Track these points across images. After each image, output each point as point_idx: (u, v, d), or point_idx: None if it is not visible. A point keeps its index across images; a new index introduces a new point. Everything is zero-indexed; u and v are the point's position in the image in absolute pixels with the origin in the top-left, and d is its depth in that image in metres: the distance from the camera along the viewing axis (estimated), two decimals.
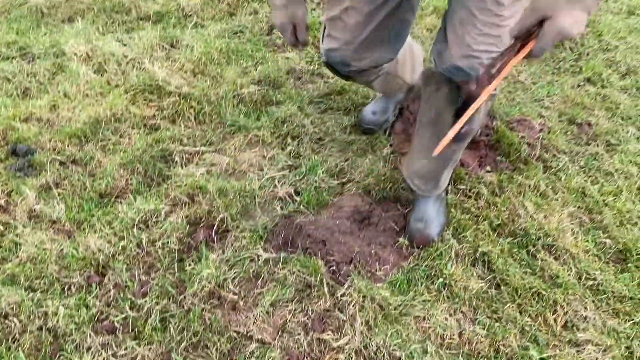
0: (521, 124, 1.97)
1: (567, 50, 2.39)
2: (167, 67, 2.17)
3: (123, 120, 1.95)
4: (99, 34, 2.37)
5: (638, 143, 1.91)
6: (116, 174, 1.73)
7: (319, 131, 1.94)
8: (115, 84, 2.11)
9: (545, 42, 0.97)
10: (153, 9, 2.55)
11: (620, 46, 2.38)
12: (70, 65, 2.18)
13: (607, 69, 2.27)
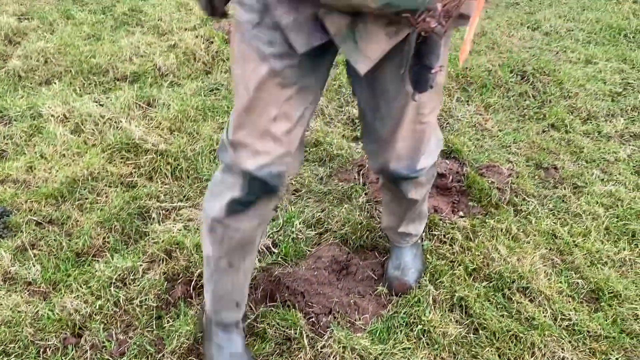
0: (490, 170, 2.04)
1: (531, 98, 2.50)
2: (144, 126, 2.21)
3: (100, 179, 1.96)
4: (76, 95, 2.41)
5: (603, 185, 1.98)
6: (93, 232, 1.73)
7: (296, 182, 1.97)
8: (92, 143, 2.13)
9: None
10: (130, 69, 2.61)
11: (580, 93, 2.50)
12: (47, 127, 2.20)
13: (569, 115, 2.38)
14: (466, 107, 2.44)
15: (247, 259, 1.27)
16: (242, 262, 1.27)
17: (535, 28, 3.10)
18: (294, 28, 1.00)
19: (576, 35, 3.00)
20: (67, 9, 3.10)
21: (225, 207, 1.17)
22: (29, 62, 2.65)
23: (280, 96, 1.09)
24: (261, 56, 1.05)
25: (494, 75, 2.64)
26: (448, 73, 2.64)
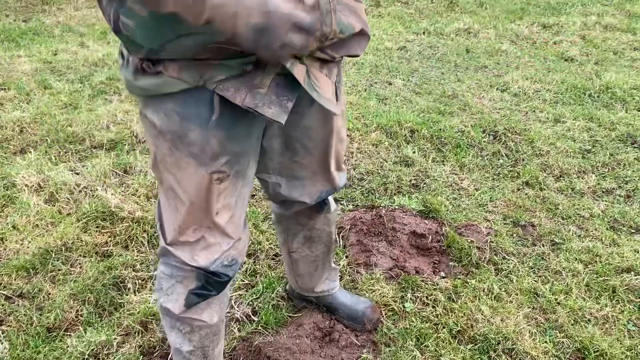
0: (469, 229, 2.05)
1: (504, 157, 2.55)
2: (121, 193, 2.18)
3: (74, 249, 1.91)
4: (51, 164, 2.39)
5: (580, 241, 2.00)
6: (66, 305, 1.67)
7: (275, 247, 1.95)
8: (67, 212, 2.10)
9: None
10: (107, 137, 2.60)
11: (551, 151, 2.56)
12: (20, 197, 2.16)
13: (542, 172, 2.43)
14: (442, 167, 2.48)
15: (220, 342, 1.26)
16: (215, 347, 1.25)
17: (504, 90, 3.21)
18: (264, 103, 1.00)
19: (544, 96, 3.11)
20: (44, 78, 3.12)
21: (184, 303, 1.16)
22: (4, 131, 2.63)
23: (219, 191, 1.09)
24: (198, 161, 1.05)
25: (467, 136, 2.70)
26: (422, 134, 2.69)
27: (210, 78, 0.97)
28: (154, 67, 0.97)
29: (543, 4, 4.73)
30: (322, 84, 1.04)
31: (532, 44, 3.91)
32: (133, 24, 0.92)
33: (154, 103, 1.02)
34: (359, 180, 2.40)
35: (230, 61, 0.96)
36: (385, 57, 3.68)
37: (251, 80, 0.98)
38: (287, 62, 0.97)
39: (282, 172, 1.26)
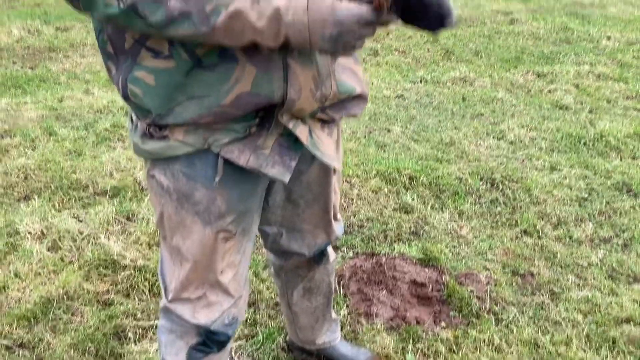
0: (469, 278, 2.06)
1: (502, 205, 2.59)
2: (123, 241, 2.20)
3: (76, 297, 1.92)
4: (55, 211, 2.41)
5: (579, 290, 2.01)
6: (66, 355, 1.67)
7: (276, 296, 1.96)
8: (69, 260, 2.11)
9: None
10: (110, 184, 2.64)
11: (548, 199, 2.60)
12: (23, 244, 2.18)
13: (540, 220, 2.46)
14: (441, 214, 2.51)
15: None
16: None
17: (500, 137, 3.27)
18: (267, 163, 1.04)
19: (540, 144, 3.17)
20: (49, 125, 3.18)
21: (186, 358, 1.17)
22: (9, 178, 2.67)
23: (224, 250, 1.11)
24: (204, 220, 1.07)
25: (465, 183, 2.74)
26: (421, 181, 2.73)
27: (214, 141, 1.01)
28: (160, 132, 1.01)
29: (537, 53, 4.85)
30: (324, 142, 1.09)
31: (527, 92, 4.01)
32: (141, 92, 0.97)
33: (161, 164, 1.05)
34: (359, 227, 2.43)
35: (235, 124, 1.01)
36: (384, 105, 3.76)
37: (255, 141, 1.03)
38: (290, 124, 1.02)
39: (283, 223, 1.29)
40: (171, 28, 0.86)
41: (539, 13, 6.08)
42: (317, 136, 1.08)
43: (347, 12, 0.84)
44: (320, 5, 0.84)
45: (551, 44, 5.15)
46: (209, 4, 0.84)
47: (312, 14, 0.84)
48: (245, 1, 0.84)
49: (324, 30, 0.85)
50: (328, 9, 0.84)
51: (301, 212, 1.27)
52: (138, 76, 0.96)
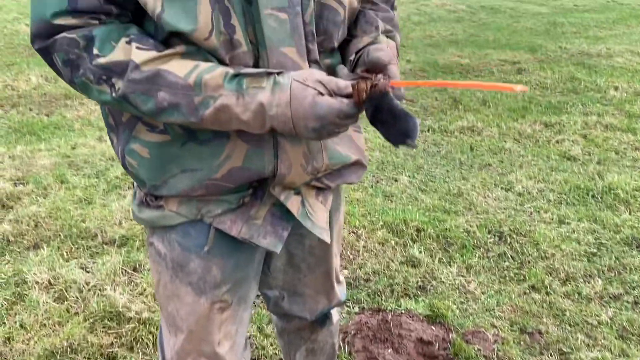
0: (476, 335, 2.03)
1: (510, 259, 2.57)
2: (129, 292, 2.21)
3: (79, 350, 1.92)
4: (63, 261, 2.43)
5: (589, 350, 1.98)
6: None
7: (279, 352, 1.94)
8: (75, 311, 2.12)
9: None
10: (119, 233, 2.66)
11: (556, 254, 2.58)
12: (30, 294, 2.19)
13: (548, 276, 2.43)
14: (448, 268, 2.50)
15: None
16: None
17: (508, 189, 3.28)
18: (259, 234, 1.05)
19: (548, 196, 3.17)
20: (62, 173, 3.23)
21: None
22: (20, 226, 2.70)
23: (221, 320, 1.11)
24: (198, 291, 1.08)
25: (473, 236, 2.73)
26: (428, 234, 2.73)
27: (207, 212, 1.03)
28: (156, 201, 1.04)
29: (544, 103, 4.90)
30: (317, 211, 1.09)
31: (535, 143, 4.03)
32: (136, 164, 1.00)
33: (160, 232, 1.07)
34: (365, 281, 2.41)
35: (228, 196, 1.02)
36: (392, 153, 3.80)
37: (247, 211, 1.04)
38: (281, 196, 1.03)
39: (285, 287, 1.29)
40: (162, 116, 0.90)
41: (546, 63, 6.17)
42: (310, 205, 1.08)
43: (328, 108, 0.87)
44: (301, 100, 0.87)
45: (558, 93, 5.20)
46: (197, 96, 0.87)
47: (295, 108, 0.87)
48: (232, 96, 0.87)
49: (307, 123, 0.87)
50: (309, 104, 0.87)
51: (303, 277, 1.27)
52: (134, 148, 0.99)
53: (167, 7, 0.86)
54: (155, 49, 0.88)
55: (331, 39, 1.01)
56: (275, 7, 0.90)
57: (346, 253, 2.60)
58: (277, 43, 0.91)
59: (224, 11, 0.88)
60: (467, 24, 8.25)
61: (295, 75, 0.88)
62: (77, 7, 0.86)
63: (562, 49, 6.73)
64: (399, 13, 8.20)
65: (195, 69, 0.87)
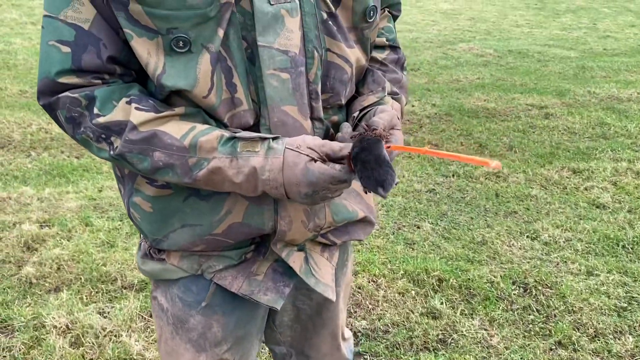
0: None
1: (535, 313, 2.48)
2: (144, 339, 2.20)
3: None
4: (82, 305, 2.44)
5: None
6: None
7: None
8: (90, 357, 2.11)
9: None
10: (138, 278, 2.67)
11: (584, 308, 2.48)
12: (47, 339, 2.20)
13: (575, 331, 2.33)
14: (470, 321, 2.42)
15: None
16: None
17: (534, 238, 3.19)
18: (260, 290, 1.03)
19: (575, 246, 3.07)
20: (87, 215, 3.29)
21: None
22: (42, 269, 2.74)
23: None
24: (198, 348, 1.06)
25: (497, 287, 2.65)
26: (450, 284, 2.67)
27: (208, 268, 1.03)
28: (159, 254, 1.04)
29: (573, 148, 4.82)
30: (321, 268, 1.08)
31: (562, 190, 3.94)
32: (139, 217, 1.01)
33: (163, 286, 1.07)
34: (384, 332, 2.35)
35: (229, 252, 1.02)
36: (414, 199, 3.76)
37: (249, 267, 1.03)
38: (283, 252, 1.02)
39: (292, 345, 1.27)
40: (157, 175, 0.91)
41: (575, 107, 6.09)
42: (314, 262, 1.07)
43: (320, 174, 0.86)
44: (294, 167, 0.87)
45: (587, 139, 5.12)
46: (192, 158, 0.88)
47: (287, 174, 0.87)
48: (225, 158, 0.88)
49: (299, 189, 0.87)
50: (302, 171, 0.86)
51: (309, 338, 1.24)
52: (136, 202, 1.00)
53: (168, 68, 0.88)
54: (154, 110, 0.89)
55: (338, 96, 1.01)
56: (277, 68, 0.91)
57: (365, 303, 2.55)
58: (278, 102, 0.92)
59: (226, 70, 0.90)
60: (494, 68, 8.26)
61: (289, 142, 0.88)
62: (81, 67, 0.88)
63: (591, 93, 6.65)
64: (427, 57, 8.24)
65: (191, 131, 0.89)
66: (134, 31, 0.86)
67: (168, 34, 0.86)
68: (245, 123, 0.93)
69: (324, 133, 1.00)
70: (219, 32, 0.87)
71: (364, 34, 1.02)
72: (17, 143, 4.63)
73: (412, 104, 6.15)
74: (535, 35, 10.69)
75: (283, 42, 0.90)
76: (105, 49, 0.88)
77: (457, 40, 10.11)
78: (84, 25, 0.87)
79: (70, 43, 0.87)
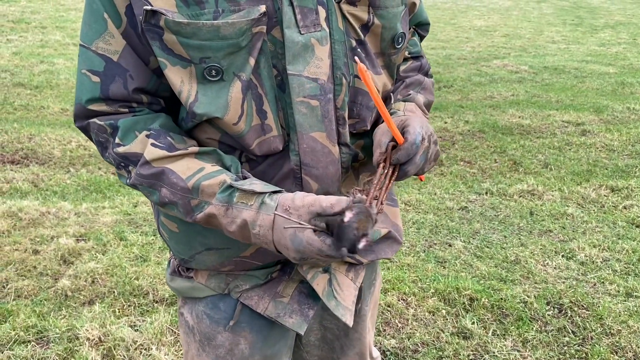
0: None
1: (570, 334, 2.40)
2: (173, 353, 2.22)
3: None
4: (114, 318, 2.49)
5: None
6: None
7: None
8: None
9: (409, 142, 0.91)
10: (169, 292, 2.71)
11: (623, 330, 2.39)
12: (80, 351, 2.24)
13: (613, 355, 2.25)
14: (502, 341, 2.36)
15: None
16: None
17: (570, 257, 3.11)
18: (285, 313, 1.04)
19: (613, 266, 2.98)
20: (121, 230, 3.36)
21: None
22: (78, 282, 2.80)
23: None
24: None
25: (530, 308, 2.59)
26: (482, 304, 2.61)
27: (235, 287, 1.03)
28: (187, 272, 1.05)
29: (611, 166, 4.69)
30: (344, 289, 1.06)
31: (600, 208, 3.84)
32: (167, 236, 1.03)
33: (190, 303, 1.08)
34: (413, 352, 2.32)
35: (256, 272, 1.02)
36: (446, 217, 3.71)
37: (275, 287, 1.03)
38: (308, 275, 1.02)
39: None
40: (166, 209, 0.94)
41: (613, 124, 5.94)
42: (338, 283, 1.06)
43: (307, 245, 0.82)
44: (283, 231, 0.84)
45: (626, 156, 4.98)
46: (194, 199, 0.90)
47: (276, 236, 0.86)
48: (220, 206, 0.88)
49: (288, 252, 0.86)
50: (290, 237, 0.84)
51: (336, 358, 1.23)
52: (163, 221, 1.03)
53: (200, 96, 0.89)
54: (168, 148, 0.91)
55: (364, 122, 1.02)
56: (307, 95, 0.91)
57: (394, 321, 2.52)
58: (307, 128, 0.93)
59: (257, 98, 0.91)
60: (529, 84, 8.14)
61: (281, 201, 0.86)
62: (109, 96, 0.91)
63: (631, 109, 6.49)
64: (460, 74, 8.18)
65: (198, 173, 0.90)
66: (168, 60, 0.88)
67: (201, 63, 0.87)
68: (274, 148, 0.94)
69: (351, 158, 1.01)
70: (251, 60, 0.89)
71: (392, 59, 1.02)
72: (57, 160, 4.78)
73: (444, 120, 6.10)
74: (572, 51, 10.51)
75: (313, 70, 0.91)
76: (132, 80, 0.91)
77: (491, 57, 10.02)
78: (113, 57, 0.90)
79: (99, 73, 0.90)
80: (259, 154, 0.94)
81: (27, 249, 3.10)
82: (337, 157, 0.97)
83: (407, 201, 3.96)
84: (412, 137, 0.92)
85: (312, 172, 0.95)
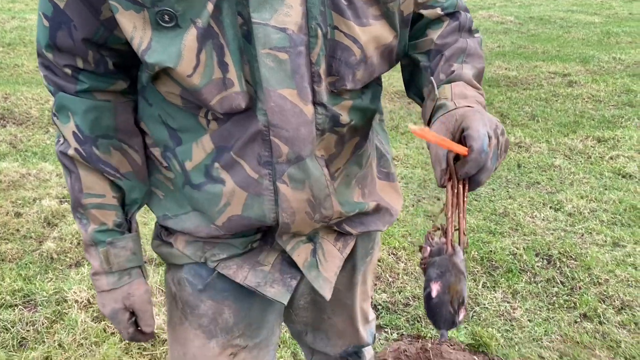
0: None
1: (559, 285, 2.43)
2: (164, 313, 2.20)
3: None
4: None
5: None
6: None
7: None
8: (112, 331, 2.12)
9: (477, 151, 0.75)
10: None
11: (610, 279, 2.42)
12: (69, 313, 2.21)
13: (601, 303, 2.28)
14: (492, 293, 2.38)
15: None
16: None
17: (558, 208, 3.12)
18: (266, 282, 0.99)
19: (600, 217, 3.00)
20: None
21: None
22: (63, 244, 2.75)
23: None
24: (208, 334, 1.02)
25: (519, 259, 2.60)
26: (472, 256, 2.62)
27: (211, 256, 0.98)
28: (167, 237, 1.01)
29: (597, 117, 4.69)
30: (328, 260, 1.02)
31: (587, 159, 3.85)
32: (162, 194, 1.00)
33: (173, 269, 1.04)
34: (405, 305, 2.33)
35: (236, 240, 0.97)
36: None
37: (255, 256, 0.99)
38: (289, 245, 0.98)
39: (308, 323, 1.23)
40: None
41: (599, 75, 5.92)
42: (324, 253, 1.01)
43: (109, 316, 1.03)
44: (101, 294, 1.02)
45: (612, 107, 4.97)
46: (80, 211, 1.00)
47: (101, 297, 1.01)
48: (89, 238, 0.99)
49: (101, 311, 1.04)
50: (100, 301, 1.02)
51: (327, 318, 1.21)
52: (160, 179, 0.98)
53: (154, 43, 0.81)
54: (89, 158, 0.94)
55: (343, 81, 0.87)
56: (274, 47, 0.81)
57: (385, 276, 2.52)
58: (275, 84, 0.82)
59: (218, 48, 0.81)
60: (515, 35, 8.04)
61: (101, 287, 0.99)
62: (56, 43, 0.87)
63: (617, 59, 6.46)
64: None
65: (97, 197, 0.96)
66: (119, 3, 0.80)
67: (153, 7, 0.78)
68: (237, 106, 0.84)
69: (330, 120, 0.89)
70: (209, 5, 0.78)
71: (389, 7, 0.87)
72: (35, 119, 4.64)
73: None
74: (557, 0, 10.38)
75: (281, 18, 0.80)
76: (76, 30, 0.84)
77: (476, 8, 9.85)
78: (60, 3, 0.83)
79: (49, 18, 0.86)
80: (221, 112, 0.85)
81: (8, 212, 3.03)
82: (310, 118, 0.85)
83: (395, 156, 3.93)
84: (479, 143, 0.74)
85: (282, 134, 0.85)
